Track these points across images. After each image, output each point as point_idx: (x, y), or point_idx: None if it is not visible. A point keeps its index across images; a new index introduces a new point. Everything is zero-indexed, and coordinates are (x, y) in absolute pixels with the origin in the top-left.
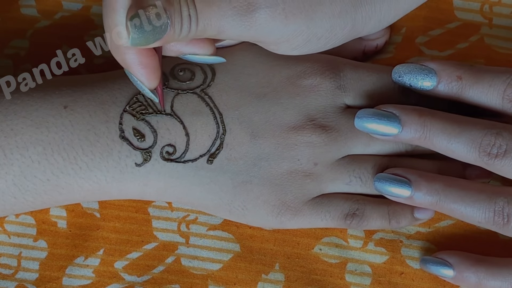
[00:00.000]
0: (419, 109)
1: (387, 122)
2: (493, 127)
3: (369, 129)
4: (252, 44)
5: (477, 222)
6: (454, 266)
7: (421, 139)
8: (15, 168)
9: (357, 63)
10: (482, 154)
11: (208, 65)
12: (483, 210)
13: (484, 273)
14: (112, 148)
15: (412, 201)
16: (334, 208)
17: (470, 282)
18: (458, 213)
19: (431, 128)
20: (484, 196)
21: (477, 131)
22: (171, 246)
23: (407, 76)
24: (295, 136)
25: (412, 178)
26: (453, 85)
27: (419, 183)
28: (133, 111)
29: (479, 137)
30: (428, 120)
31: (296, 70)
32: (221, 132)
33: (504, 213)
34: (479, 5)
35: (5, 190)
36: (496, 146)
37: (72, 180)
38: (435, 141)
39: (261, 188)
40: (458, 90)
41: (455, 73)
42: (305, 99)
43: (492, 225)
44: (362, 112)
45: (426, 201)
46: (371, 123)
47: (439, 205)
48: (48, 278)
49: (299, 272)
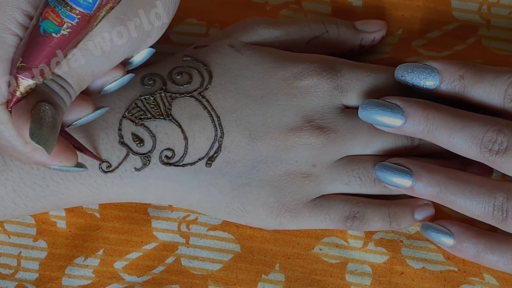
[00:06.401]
0: (423, 102)
1: (391, 113)
2: (496, 123)
3: (373, 120)
4: (248, 46)
5: (476, 215)
6: (455, 235)
7: (423, 132)
8: (14, 174)
9: (354, 63)
10: (483, 150)
11: (205, 68)
12: (482, 204)
13: (483, 246)
14: (111, 153)
15: (413, 191)
16: (334, 210)
17: (468, 253)
18: (458, 206)
19: (434, 121)
20: (484, 190)
21: (479, 127)
22: (171, 246)
23: (410, 76)
24: (293, 138)
25: (413, 168)
26: (456, 84)
27: (420, 174)
28: (131, 116)
29: (481, 133)
30: (432, 114)
31: (292, 71)
32: (219, 135)
33: (503, 208)
34: (477, 5)
35: (5, 196)
36: (498, 143)
37: (72, 185)
38: (437, 135)
39: (260, 190)
40: (460, 89)
41: (458, 72)
42: (302, 100)
43: (491, 219)
44: (367, 103)
45: (427, 192)
46: (375, 114)
47: (439, 196)
48: (48, 278)
49: (299, 272)
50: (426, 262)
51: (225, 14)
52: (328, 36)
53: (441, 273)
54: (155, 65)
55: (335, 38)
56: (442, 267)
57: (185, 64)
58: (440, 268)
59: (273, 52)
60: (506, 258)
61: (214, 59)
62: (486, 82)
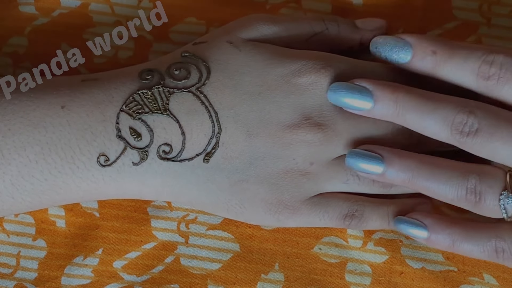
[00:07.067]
0: (393, 85)
1: (360, 96)
2: (466, 105)
3: (342, 103)
4: (246, 43)
5: (449, 200)
6: (429, 227)
7: (393, 115)
8: (12, 168)
9: (353, 61)
10: (454, 132)
11: (203, 63)
12: (455, 188)
13: (458, 236)
14: (109, 147)
15: (384, 178)
16: (333, 208)
17: (444, 244)
18: (431, 191)
19: (404, 104)
20: (457, 173)
21: (450, 109)
22: (171, 245)
23: (383, 48)
24: (290, 135)
25: (384, 154)
26: (428, 59)
27: (391, 160)
28: (129, 110)
29: (452, 115)
30: (401, 96)
31: (291, 68)
32: (216, 131)
33: (476, 191)
34: (478, 4)
35: (3, 190)
36: (468, 124)
37: (70, 179)
38: (407, 118)
39: (258, 186)
40: (432, 65)
41: (430, 47)
42: (300, 97)
43: (464, 203)
44: (336, 85)
45: (399, 178)
46: (343, 96)
47: (411, 182)
48: (47, 277)
49: (299, 272)
50: (425, 262)
51: (225, 13)
52: (328, 33)
53: (441, 273)
54: (153, 60)
55: (335, 35)
56: (442, 267)
57: (183, 59)
58: (439, 268)
59: (272, 48)
60: (481, 246)
61: (213, 55)
62: (459, 58)
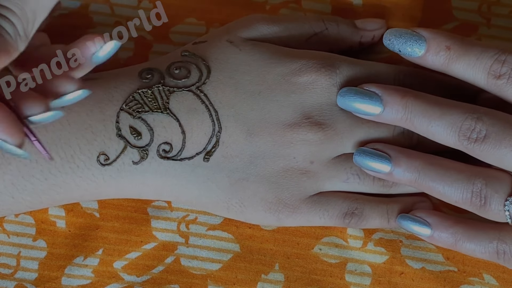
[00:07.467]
0: (402, 90)
1: (369, 101)
2: (475, 111)
3: (351, 107)
4: (246, 42)
5: (454, 202)
6: (432, 225)
7: (402, 120)
8: (12, 167)
9: (353, 60)
10: (462, 138)
11: (203, 62)
12: (461, 191)
13: (461, 235)
14: (109, 146)
15: (392, 177)
16: (333, 207)
17: (447, 242)
18: (436, 192)
19: (413, 109)
20: (463, 176)
21: (458, 115)
22: (171, 246)
23: (397, 41)
24: (290, 134)
25: (392, 153)
26: (441, 55)
27: (399, 159)
28: (129, 109)
29: (460, 121)
30: (410, 101)
31: (291, 67)
32: (217, 130)
33: (482, 195)
34: (477, 4)
35: (3, 189)
36: (476, 131)
37: (70, 178)
38: (416, 123)
39: (258, 185)
40: (445, 61)
41: (445, 42)
42: (300, 96)
43: (469, 205)
44: (345, 90)
45: (405, 178)
46: (353, 101)
47: (417, 182)
48: (47, 277)
49: (299, 272)
50: (425, 262)
51: (225, 14)
52: (327, 33)
53: (441, 273)
54: (153, 60)
55: (334, 35)
56: (442, 267)
57: (183, 59)
58: (439, 268)
59: (272, 48)
60: (483, 246)
61: (213, 54)
62: (472, 55)
